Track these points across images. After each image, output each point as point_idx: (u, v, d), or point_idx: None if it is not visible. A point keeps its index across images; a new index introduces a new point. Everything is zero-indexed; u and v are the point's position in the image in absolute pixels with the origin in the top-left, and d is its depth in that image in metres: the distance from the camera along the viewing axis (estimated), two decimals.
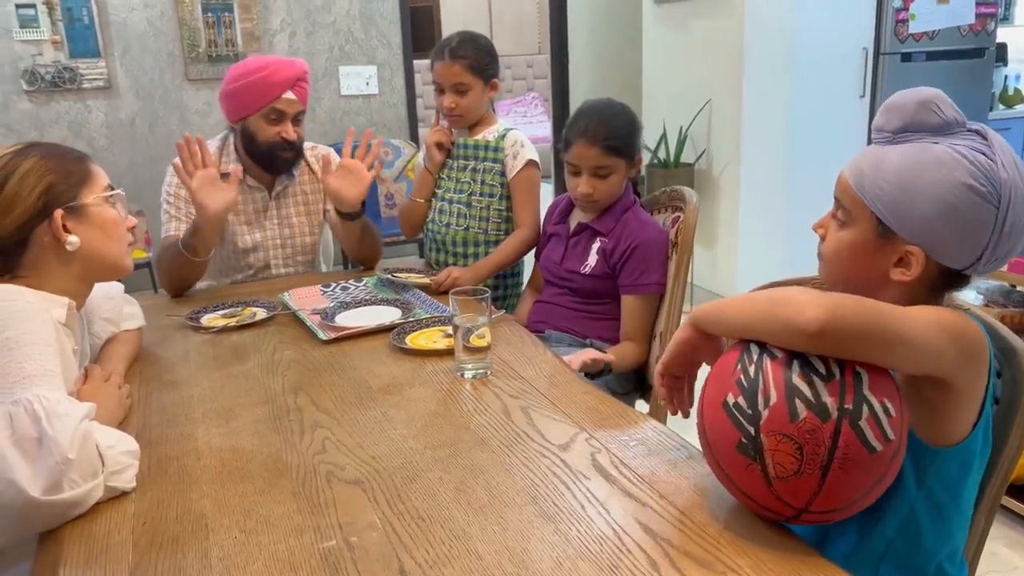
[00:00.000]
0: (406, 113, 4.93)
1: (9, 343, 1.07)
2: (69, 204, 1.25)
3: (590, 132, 1.79)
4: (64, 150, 1.30)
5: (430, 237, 2.26)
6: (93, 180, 1.30)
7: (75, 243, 1.25)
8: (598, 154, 1.78)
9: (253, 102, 2.02)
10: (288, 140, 2.05)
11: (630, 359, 1.80)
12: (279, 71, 2.01)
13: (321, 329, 1.66)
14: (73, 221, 1.26)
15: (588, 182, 1.81)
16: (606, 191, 1.82)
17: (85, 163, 1.30)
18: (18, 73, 4.05)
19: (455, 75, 2.07)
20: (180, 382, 1.45)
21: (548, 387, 1.37)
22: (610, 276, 1.83)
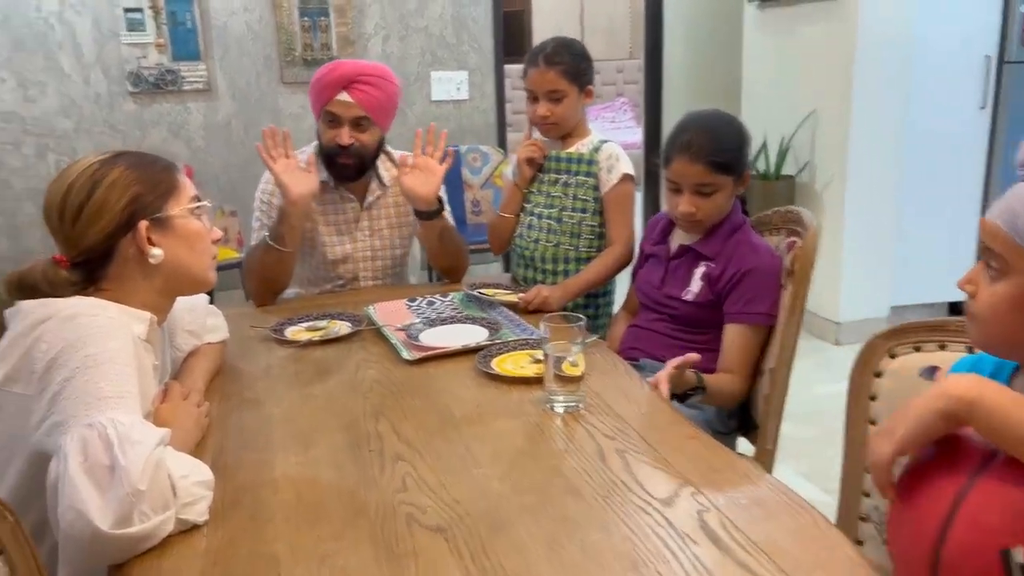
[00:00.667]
0: (495, 119, 4.87)
1: (88, 361, 1.03)
2: (154, 216, 1.21)
3: (693, 147, 1.66)
4: (151, 159, 1.26)
5: (517, 253, 2.17)
6: (179, 191, 1.26)
7: (159, 256, 1.21)
8: (702, 171, 1.66)
9: (316, 103, 2.00)
10: (342, 145, 1.98)
11: (727, 392, 1.66)
12: (333, 71, 1.95)
13: (406, 348, 1.59)
14: (158, 233, 1.22)
15: (690, 200, 1.68)
16: (710, 210, 1.69)
17: (172, 173, 1.26)
18: (124, 75, 4.18)
19: (550, 82, 1.97)
20: (260, 400, 1.40)
21: (646, 427, 1.26)
22: (715, 304, 1.70)
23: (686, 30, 5.30)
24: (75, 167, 1.20)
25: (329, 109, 1.96)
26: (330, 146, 1.99)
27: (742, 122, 1.74)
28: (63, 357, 1.03)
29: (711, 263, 1.71)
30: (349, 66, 1.96)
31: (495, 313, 1.82)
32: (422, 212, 1.99)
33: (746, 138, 1.72)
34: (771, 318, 1.66)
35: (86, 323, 1.07)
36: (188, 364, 1.44)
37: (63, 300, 1.13)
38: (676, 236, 1.83)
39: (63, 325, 1.06)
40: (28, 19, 3.99)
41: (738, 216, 1.74)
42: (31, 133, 4.11)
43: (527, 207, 2.13)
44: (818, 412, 3.09)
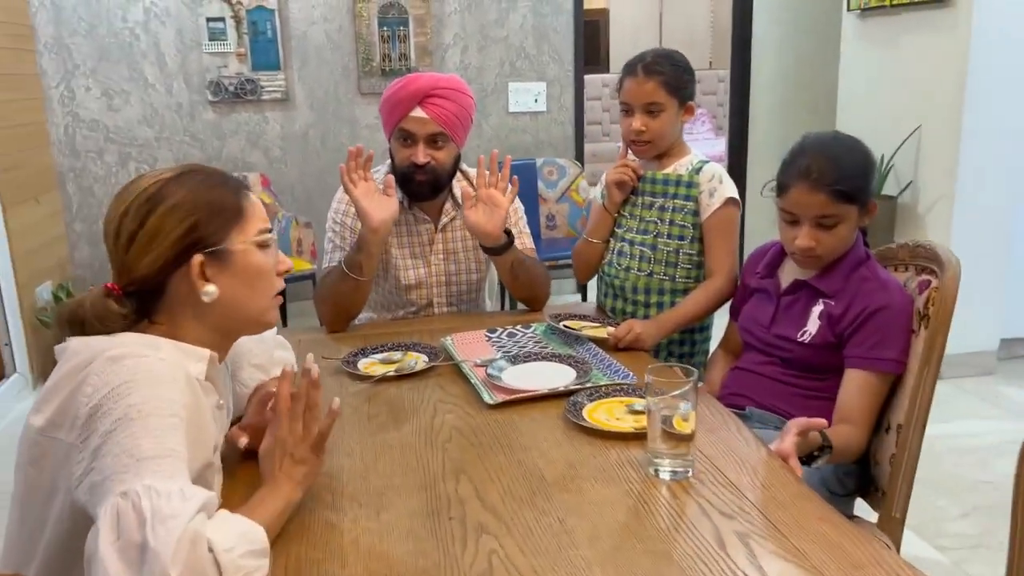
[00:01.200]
0: (573, 131, 4.72)
1: (131, 412, 0.92)
2: (212, 249, 1.08)
3: (814, 173, 1.48)
4: (221, 180, 1.13)
5: (606, 282, 2.00)
6: (246, 219, 1.12)
7: (212, 293, 1.07)
8: (824, 201, 1.47)
9: (388, 121, 1.87)
10: (417, 164, 1.85)
11: (853, 447, 1.47)
12: (406, 86, 1.82)
13: (487, 389, 1.45)
14: (215, 267, 1.08)
15: (810, 234, 1.50)
16: (832, 245, 1.50)
17: (242, 198, 1.13)
18: (204, 84, 4.19)
19: (648, 93, 1.81)
20: (329, 447, 1.26)
21: (768, 503, 1.08)
22: (835, 347, 1.50)
23: (777, 40, 5.04)
24: (138, 183, 1.08)
25: (403, 127, 1.84)
26: (404, 165, 1.87)
27: (866, 145, 1.54)
28: (107, 405, 0.92)
29: (831, 301, 1.52)
30: (423, 80, 1.83)
31: (583, 350, 1.67)
32: (489, 248, 1.85)
33: (872, 163, 1.53)
34: (900, 365, 1.46)
35: (132, 366, 0.96)
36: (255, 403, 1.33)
37: (111, 338, 1.02)
38: (787, 269, 1.64)
39: (109, 367, 0.95)
40: (114, 29, 4.04)
41: (861, 249, 1.55)
42: (114, 141, 4.16)
43: (618, 232, 1.96)
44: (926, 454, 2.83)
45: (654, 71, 1.80)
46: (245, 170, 4.30)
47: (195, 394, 1.02)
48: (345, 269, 1.79)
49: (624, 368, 1.53)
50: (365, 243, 1.77)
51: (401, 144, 1.87)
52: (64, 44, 4.00)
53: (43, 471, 0.99)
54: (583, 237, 2.03)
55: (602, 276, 2.02)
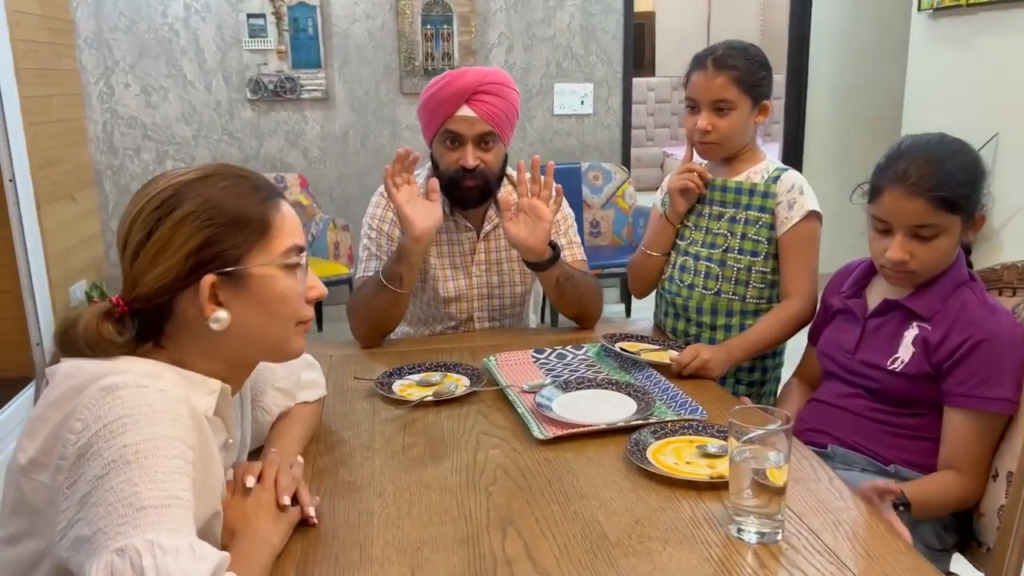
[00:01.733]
0: (620, 135, 4.55)
1: (127, 454, 0.77)
2: (228, 269, 0.92)
3: (912, 177, 1.30)
4: (249, 187, 0.96)
5: (666, 299, 1.81)
6: (273, 235, 0.95)
7: (222, 321, 0.91)
8: (922, 208, 1.29)
9: (431, 122, 1.71)
10: (467, 168, 1.69)
11: (951, 498, 1.28)
12: (453, 82, 1.66)
13: (536, 421, 1.29)
14: (229, 291, 0.92)
15: (903, 245, 1.31)
16: (929, 260, 1.32)
17: (270, 208, 0.96)
18: (244, 82, 4.10)
19: (717, 89, 1.62)
20: (359, 485, 1.12)
21: (868, 569, 0.90)
22: (931, 378, 1.31)
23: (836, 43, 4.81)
24: (155, 184, 0.93)
25: (450, 128, 1.68)
26: (452, 170, 1.71)
27: (975, 150, 1.35)
28: (97, 444, 0.77)
29: (927, 325, 1.33)
30: (470, 75, 1.67)
31: (642, 376, 1.49)
32: (532, 263, 1.67)
33: (980, 169, 1.34)
34: (1012, 405, 1.26)
35: (128, 398, 0.80)
36: (277, 431, 1.18)
37: (110, 362, 0.87)
38: (876, 288, 1.45)
39: (101, 400, 0.80)
40: (154, 24, 3.97)
41: (964, 269, 1.36)
42: (151, 139, 4.09)
43: (680, 244, 1.77)
44: None
45: (725, 65, 1.62)
46: (283, 171, 4.20)
47: (202, 432, 0.87)
48: (383, 280, 1.64)
49: (692, 400, 1.35)
50: (406, 253, 1.62)
51: (447, 147, 1.71)
52: (104, 39, 3.94)
53: (25, 524, 0.85)
54: (640, 248, 1.85)
55: (661, 293, 1.83)
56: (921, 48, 3.77)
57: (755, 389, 1.75)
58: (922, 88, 3.79)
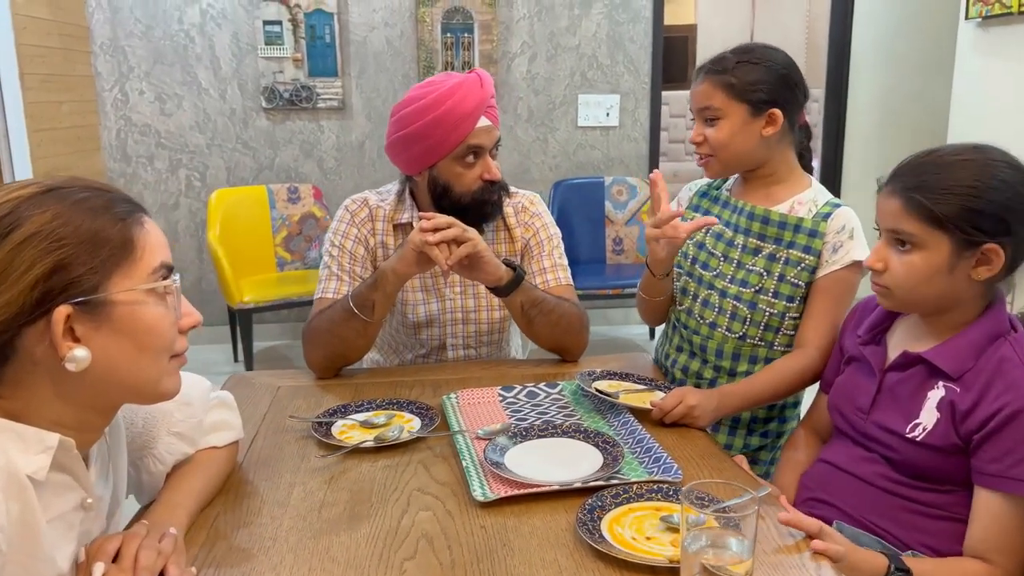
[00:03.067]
0: (648, 149, 4.34)
1: None
2: (84, 298, 0.77)
3: (902, 174, 1.13)
4: (104, 201, 0.81)
5: (681, 334, 1.58)
6: (136, 255, 0.81)
7: (80, 361, 0.77)
8: (896, 210, 1.11)
9: (442, 143, 1.51)
10: (493, 180, 1.55)
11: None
12: (468, 97, 1.49)
13: (480, 477, 1.11)
14: (87, 324, 0.78)
15: (879, 251, 1.15)
16: (901, 275, 1.11)
17: (131, 224, 0.82)
18: (259, 90, 4.01)
19: (701, 96, 1.44)
20: (255, 552, 0.95)
21: None
22: (960, 451, 1.09)
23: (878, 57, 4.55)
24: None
25: (473, 143, 1.52)
26: (475, 187, 1.55)
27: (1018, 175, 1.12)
28: None
29: (955, 387, 1.11)
30: (487, 84, 1.54)
31: (618, 423, 1.30)
32: (491, 288, 1.50)
33: (1010, 195, 1.08)
34: None
35: None
36: (173, 480, 1.02)
37: None
38: (898, 333, 1.23)
39: None
40: (170, 31, 3.90)
41: (1003, 316, 1.13)
42: (165, 147, 4.02)
43: (704, 274, 1.53)
44: None
45: (713, 70, 1.43)
46: (297, 181, 4.10)
47: (24, 501, 0.72)
48: (352, 307, 1.47)
49: (668, 457, 1.16)
50: (384, 280, 1.45)
51: (466, 164, 1.54)
52: (120, 46, 3.89)
53: None
54: (640, 288, 1.62)
55: (676, 325, 1.60)
56: (968, 59, 3.51)
57: (771, 440, 1.53)
58: (969, 101, 3.52)
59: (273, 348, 4.16)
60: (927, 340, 1.16)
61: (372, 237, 1.65)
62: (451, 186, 1.56)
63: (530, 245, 1.67)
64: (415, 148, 1.53)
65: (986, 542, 1.06)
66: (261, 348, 4.06)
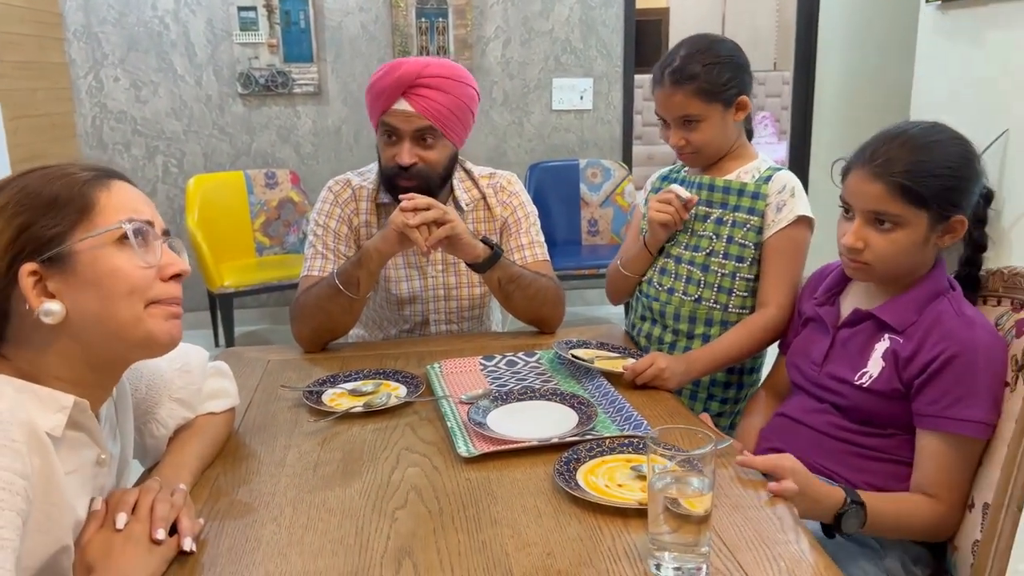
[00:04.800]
0: (621, 132, 4.42)
1: None
2: (47, 254, 0.83)
3: (879, 159, 1.19)
4: (65, 172, 0.86)
5: (643, 303, 1.67)
6: (96, 211, 0.85)
7: (54, 313, 0.82)
8: (881, 193, 1.18)
9: (371, 114, 1.62)
10: (402, 165, 1.58)
11: (918, 522, 1.16)
12: (391, 72, 1.55)
13: (465, 436, 1.19)
14: (57, 278, 0.83)
15: (858, 232, 1.21)
16: (884, 253, 1.20)
17: (93, 187, 0.86)
18: (235, 76, 4.03)
19: (678, 106, 1.51)
20: (254, 508, 1.03)
21: None
22: (903, 395, 1.20)
23: (844, 38, 4.65)
24: None
25: (386, 120, 1.58)
26: (389, 166, 1.61)
27: (974, 150, 1.22)
28: None
29: (899, 337, 1.21)
30: (409, 65, 1.56)
31: (592, 386, 1.39)
32: (469, 264, 1.58)
33: (970, 170, 1.20)
34: (987, 429, 1.14)
35: None
36: (176, 443, 1.09)
37: None
38: (851, 295, 1.33)
39: None
40: (143, 18, 3.91)
41: (944, 277, 1.24)
42: (141, 134, 4.03)
43: (664, 245, 1.64)
44: None
45: (683, 78, 1.49)
46: (275, 166, 4.13)
47: (44, 456, 0.78)
48: (339, 284, 1.53)
49: (638, 415, 1.25)
50: (369, 258, 1.52)
51: (385, 141, 1.61)
52: (93, 33, 3.88)
53: None
54: (617, 262, 1.72)
55: (638, 296, 1.70)
56: (929, 41, 3.61)
57: (729, 406, 1.63)
58: (930, 83, 3.62)
59: (254, 333, 4.20)
60: (876, 299, 1.26)
61: (356, 217, 1.71)
62: (379, 157, 1.66)
63: (508, 223, 1.74)
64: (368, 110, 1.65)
65: (930, 479, 1.16)
66: (242, 333, 4.10)
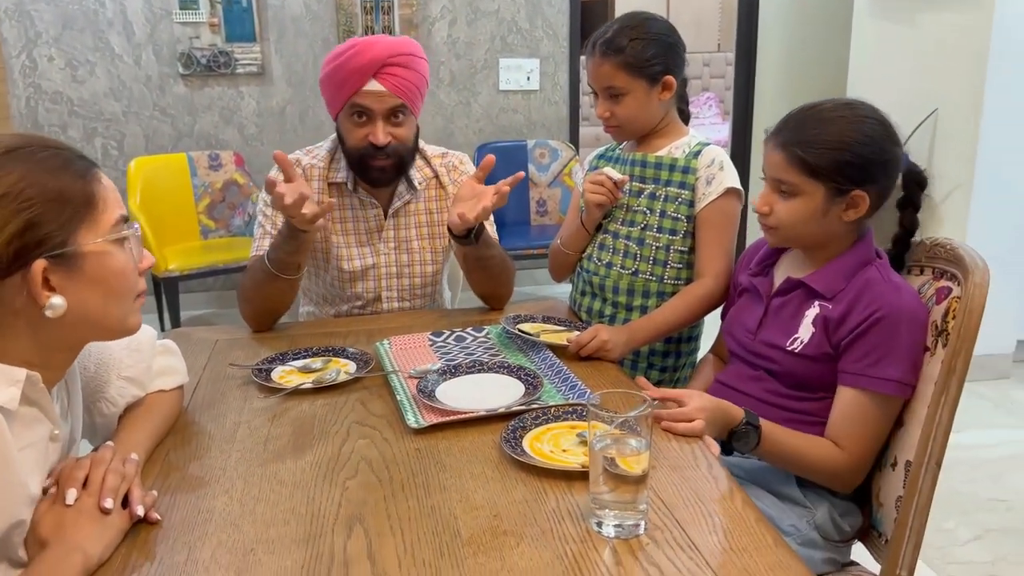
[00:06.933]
0: (568, 112, 4.46)
1: None
2: (58, 252, 0.85)
3: (784, 131, 1.28)
4: (63, 160, 0.88)
5: (584, 278, 1.72)
6: (99, 208, 0.89)
7: (58, 307, 0.86)
8: (781, 162, 1.26)
9: (336, 97, 1.61)
10: (377, 145, 1.60)
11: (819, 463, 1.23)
12: (360, 54, 1.56)
13: (414, 408, 1.22)
14: (61, 274, 0.86)
15: (765, 197, 1.31)
16: (786, 217, 1.28)
17: (91, 183, 0.90)
18: (175, 56, 3.95)
19: (604, 76, 1.56)
20: (206, 481, 1.04)
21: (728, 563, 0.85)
22: (832, 359, 1.26)
23: (784, 19, 4.76)
24: None
25: (358, 102, 1.59)
26: (361, 147, 1.62)
27: (891, 131, 1.28)
28: None
29: (828, 303, 1.28)
30: (378, 47, 1.57)
31: (538, 358, 1.43)
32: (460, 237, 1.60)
33: (874, 149, 1.24)
34: (905, 388, 1.21)
35: None
36: (127, 421, 1.10)
37: None
38: (782, 267, 1.40)
39: None
40: None
41: (871, 248, 1.30)
42: (79, 115, 3.93)
43: (602, 221, 1.70)
44: None
45: (610, 50, 1.54)
46: (218, 148, 4.07)
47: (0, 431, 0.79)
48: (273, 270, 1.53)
49: (583, 384, 1.29)
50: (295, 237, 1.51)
51: (355, 123, 1.62)
52: (25, 11, 3.76)
53: None
54: (557, 240, 1.77)
55: (579, 271, 1.75)
56: (864, 23, 3.74)
57: (668, 375, 1.69)
58: (866, 63, 3.75)
59: (200, 317, 4.15)
60: (806, 268, 1.33)
61: None
62: (344, 139, 1.66)
63: None
64: (324, 96, 1.66)
65: (839, 430, 1.24)
66: (188, 317, 4.05)
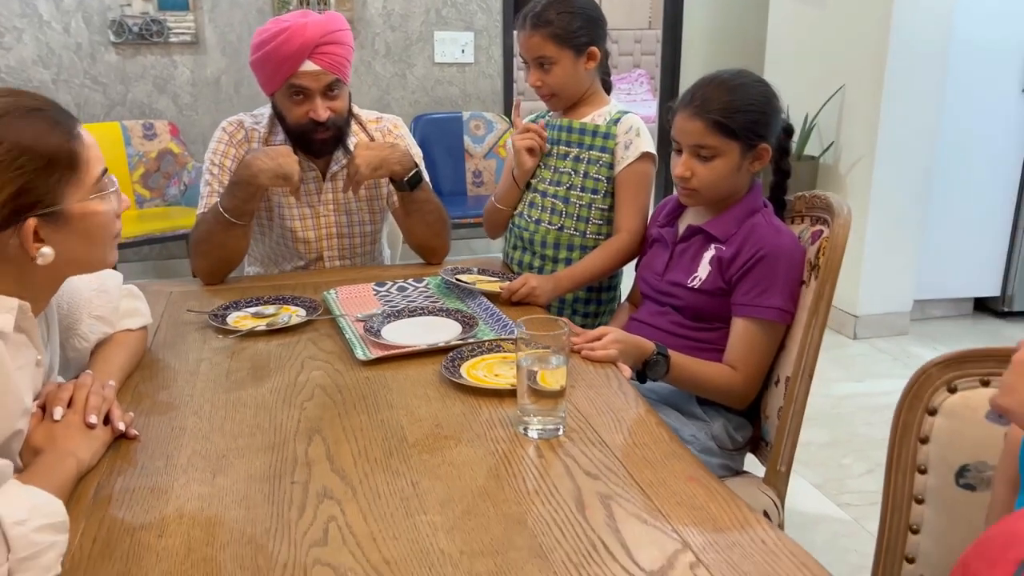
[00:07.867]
0: (502, 85, 4.59)
1: None
2: (47, 210, 0.95)
3: (697, 101, 1.44)
4: (49, 121, 0.96)
5: (515, 233, 1.89)
6: (83, 168, 0.98)
7: (48, 256, 0.96)
8: (700, 129, 1.43)
9: (272, 77, 1.70)
10: (318, 121, 1.71)
11: (719, 385, 1.43)
12: (291, 38, 1.64)
13: (362, 344, 1.36)
14: (50, 228, 0.96)
15: (686, 163, 1.46)
16: (707, 178, 1.45)
17: (76, 143, 0.98)
18: (106, 23, 3.91)
19: (534, 47, 1.71)
20: (176, 405, 1.16)
21: (638, 462, 1.02)
22: (725, 293, 1.46)
23: None
24: None
25: (295, 83, 1.68)
26: (302, 123, 1.72)
27: (774, 91, 1.48)
28: None
29: (722, 245, 1.47)
30: (311, 31, 1.65)
31: (474, 304, 1.58)
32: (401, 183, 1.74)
33: (769, 106, 1.46)
34: (785, 315, 1.42)
35: None
36: (99, 355, 1.21)
37: None
38: (687, 217, 1.59)
39: None
40: None
41: (759, 198, 1.50)
42: (5, 83, 3.85)
43: (531, 181, 1.86)
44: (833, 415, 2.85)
45: (539, 23, 1.70)
46: (152, 117, 4.06)
47: None
48: (225, 214, 1.65)
49: (513, 323, 1.45)
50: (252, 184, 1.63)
51: (293, 101, 1.71)
52: None
53: None
54: (492, 199, 1.93)
55: (512, 227, 1.91)
56: (781, 5, 3.96)
57: (590, 320, 1.87)
58: (781, 43, 3.98)
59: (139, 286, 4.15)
60: (705, 217, 1.52)
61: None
62: (284, 117, 1.76)
63: None
64: (258, 76, 1.74)
65: (734, 355, 1.44)
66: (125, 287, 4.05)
